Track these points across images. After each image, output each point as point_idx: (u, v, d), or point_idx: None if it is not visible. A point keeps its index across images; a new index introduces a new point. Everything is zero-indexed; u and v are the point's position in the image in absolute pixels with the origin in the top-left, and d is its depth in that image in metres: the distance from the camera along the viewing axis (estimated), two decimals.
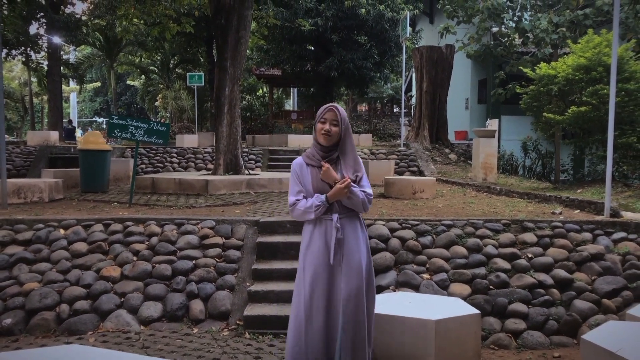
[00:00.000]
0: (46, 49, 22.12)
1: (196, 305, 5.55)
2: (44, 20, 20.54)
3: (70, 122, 28.84)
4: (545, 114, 11.84)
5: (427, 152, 16.42)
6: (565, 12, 14.74)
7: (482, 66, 21.58)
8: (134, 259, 6.11)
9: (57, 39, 21.26)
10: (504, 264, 5.92)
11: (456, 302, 4.79)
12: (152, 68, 34.07)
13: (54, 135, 17.55)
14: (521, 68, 13.85)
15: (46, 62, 22.76)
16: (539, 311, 5.40)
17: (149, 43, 25.63)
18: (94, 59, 31.26)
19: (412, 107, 26.16)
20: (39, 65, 25.25)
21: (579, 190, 10.21)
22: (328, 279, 3.31)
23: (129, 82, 43.22)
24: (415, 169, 15.01)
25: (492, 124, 14.07)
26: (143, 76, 34.95)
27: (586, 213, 7.59)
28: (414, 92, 23.24)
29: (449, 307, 4.59)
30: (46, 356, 2.88)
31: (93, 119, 53.82)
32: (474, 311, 4.56)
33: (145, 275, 5.87)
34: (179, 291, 5.71)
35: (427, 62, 17.80)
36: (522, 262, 5.94)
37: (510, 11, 16.16)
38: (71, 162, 14.35)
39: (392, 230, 6.50)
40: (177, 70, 31.58)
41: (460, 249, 6.16)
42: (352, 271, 3.34)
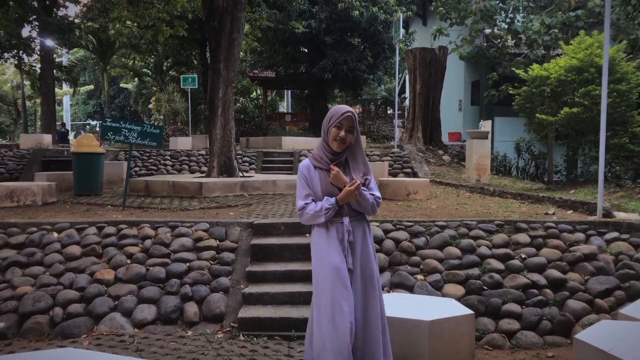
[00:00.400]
0: (39, 52, 22.06)
1: (190, 308, 5.54)
2: (36, 23, 20.50)
3: (63, 125, 28.75)
4: (538, 115, 11.89)
5: (420, 154, 16.45)
6: (557, 13, 14.82)
7: (475, 68, 21.66)
8: (128, 261, 6.09)
9: (49, 42, 21.22)
10: (498, 265, 5.94)
11: (450, 303, 4.80)
12: (145, 71, 34.02)
13: (47, 139, 17.49)
14: (514, 69, 13.90)
15: (39, 65, 22.72)
16: (532, 311, 5.43)
17: (142, 46, 25.60)
18: (87, 62, 31.20)
19: (405, 108, 26.21)
20: (31, 68, 25.20)
21: (572, 191, 10.25)
22: (345, 283, 3.28)
23: (122, 84, 43.14)
24: (409, 170, 15.04)
25: (485, 125, 14.11)
26: (136, 79, 34.89)
27: (579, 213, 7.63)
28: (407, 93, 23.27)
29: (443, 307, 4.60)
30: None
31: (86, 121, 53.67)
32: (467, 312, 4.57)
33: (139, 278, 5.86)
34: (173, 294, 5.70)
35: (421, 64, 17.84)
36: (516, 262, 5.96)
37: (502, 13, 16.26)
38: (64, 165, 14.28)
39: (386, 231, 6.52)
40: (170, 72, 31.53)
41: (454, 250, 6.18)
42: (365, 275, 3.35)
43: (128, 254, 6.19)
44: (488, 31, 17.53)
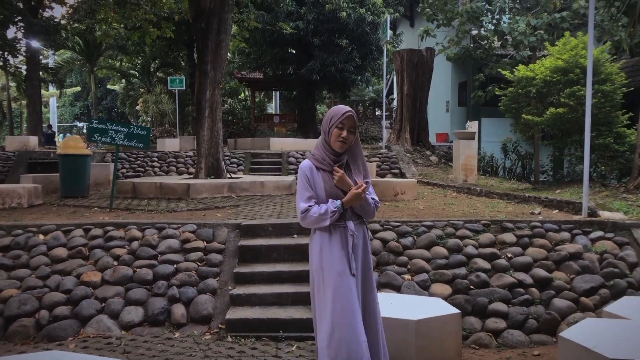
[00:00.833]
0: (24, 53, 21.87)
1: (178, 310, 5.53)
2: (21, 24, 20.32)
3: (50, 127, 28.59)
4: (524, 115, 11.98)
5: (408, 155, 16.50)
6: (543, 15, 14.95)
7: (462, 69, 21.78)
8: (115, 263, 6.06)
9: (35, 43, 21.04)
10: (484, 264, 5.98)
11: (437, 302, 4.84)
12: (132, 72, 33.84)
13: (33, 141, 17.37)
14: (500, 70, 14.02)
15: (25, 67, 22.50)
16: (518, 310, 5.47)
17: (129, 47, 25.48)
18: (73, 64, 30.98)
19: (393, 109, 26.30)
20: (17, 69, 24.96)
21: (557, 191, 10.34)
22: (349, 289, 3.18)
23: (109, 86, 42.89)
24: (396, 171, 15.08)
25: (472, 126, 14.20)
26: (124, 80, 34.69)
27: (564, 213, 7.69)
28: (395, 95, 23.36)
29: (430, 307, 4.63)
30: None
31: (73, 123, 53.28)
32: (454, 311, 4.61)
33: (126, 280, 5.83)
34: (160, 295, 5.68)
35: (408, 65, 17.90)
36: (502, 261, 6.01)
37: (489, 14, 16.37)
38: (51, 167, 14.18)
39: (374, 231, 6.54)
40: (158, 74, 31.39)
41: (441, 250, 6.21)
42: (365, 280, 3.31)
43: (115, 256, 6.16)
44: (475, 32, 17.65)
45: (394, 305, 4.60)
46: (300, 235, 6.58)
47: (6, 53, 22.28)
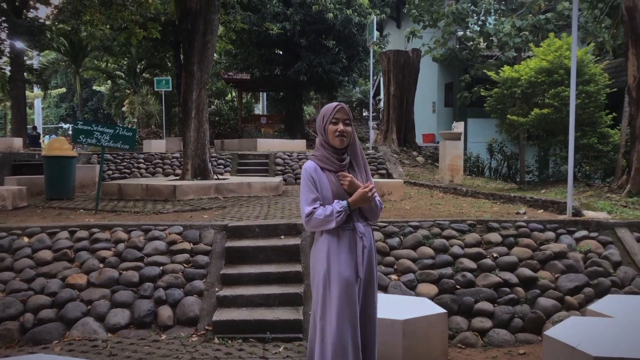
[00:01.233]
0: (8, 54, 21.63)
1: (164, 312, 5.51)
2: (5, 25, 20.11)
3: (35, 128, 28.29)
4: (509, 116, 12.08)
5: (395, 155, 16.56)
6: (527, 16, 15.08)
7: (448, 70, 21.89)
8: (101, 266, 6.03)
9: (19, 44, 20.83)
10: (470, 264, 6.01)
11: (423, 302, 4.86)
12: (118, 73, 33.63)
13: (17, 142, 17.21)
14: (486, 71, 14.11)
15: (9, 68, 22.27)
16: (504, 309, 5.51)
17: (115, 48, 25.28)
18: (58, 65, 30.69)
19: (380, 110, 26.36)
20: (1, 70, 24.68)
21: (542, 191, 10.43)
22: (355, 294, 3.09)
23: (95, 87, 42.57)
24: (383, 171, 15.13)
25: (458, 126, 14.26)
26: (109, 81, 34.48)
27: (549, 213, 7.76)
28: (382, 96, 23.41)
29: (417, 307, 4.66)
30: None
31: (59, 125, 52.83)
32: (440, 310, 4.63)
33: (112, 282, 5.80)
34: (146, 297, 5.65)
35: (394, 66, 17.96)
36: (488, 261, 6.04)
37: (474, 15, 16.47)
38: (36, 169, 14.04)
39: None
40: (144, 75, 31.21)
41: (427, 250, 6.24)
42: (369, 283, 3.22)
43: (101, 258, 6.12)
44: (460, 33, 17.77)
45: (380, 306, 4.61)
46: (287, 236, 6.59)
47: None
